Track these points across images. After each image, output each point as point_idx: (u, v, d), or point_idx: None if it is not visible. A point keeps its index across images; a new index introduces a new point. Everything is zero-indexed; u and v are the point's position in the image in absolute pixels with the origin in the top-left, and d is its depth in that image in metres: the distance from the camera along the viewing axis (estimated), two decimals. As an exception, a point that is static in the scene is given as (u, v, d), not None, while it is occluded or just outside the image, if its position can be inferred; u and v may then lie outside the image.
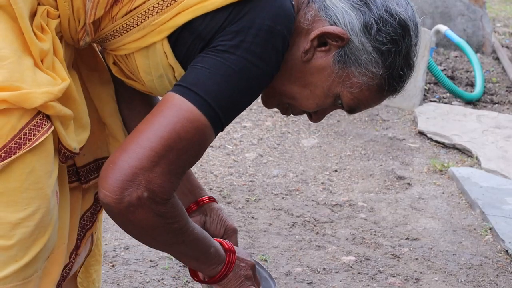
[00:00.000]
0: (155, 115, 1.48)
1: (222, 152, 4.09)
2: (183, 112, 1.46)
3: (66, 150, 1.54)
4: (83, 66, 1.72)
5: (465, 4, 6.47)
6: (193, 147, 1.49)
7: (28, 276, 1.51)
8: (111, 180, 1.45)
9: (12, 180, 1.44)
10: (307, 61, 1.59)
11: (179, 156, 1.47)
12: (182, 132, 1.46)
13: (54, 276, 1.63)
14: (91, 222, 1.84)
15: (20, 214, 1.45)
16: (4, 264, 1.47)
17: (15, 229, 1.46)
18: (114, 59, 1.66)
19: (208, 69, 1.48)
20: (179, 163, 1.48)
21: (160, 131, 1.46)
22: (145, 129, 1.47)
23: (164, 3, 1.52)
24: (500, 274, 3.11)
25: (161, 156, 1.45)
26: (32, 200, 1.46)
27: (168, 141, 1.46)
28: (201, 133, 1.48)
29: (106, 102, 1.76)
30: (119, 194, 1.44)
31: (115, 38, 1.58)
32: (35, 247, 1.49)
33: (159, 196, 1.47)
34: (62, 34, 1.57)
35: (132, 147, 1.46)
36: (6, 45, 1.43)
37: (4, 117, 1.42)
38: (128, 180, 1.44)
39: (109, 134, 1.78)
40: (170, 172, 1.47)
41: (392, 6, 1.58)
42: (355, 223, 3.47)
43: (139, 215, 1.47)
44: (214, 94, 1.47)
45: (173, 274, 2.83)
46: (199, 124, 1.47)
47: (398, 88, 1.64)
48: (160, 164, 1.45)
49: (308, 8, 1.59)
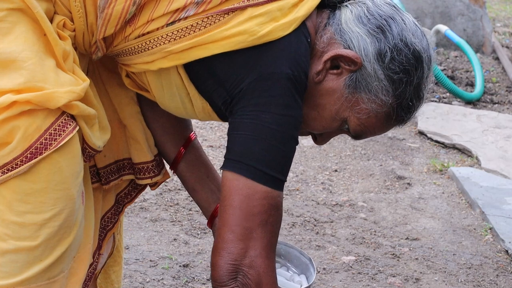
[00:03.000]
0: (224, 209, 1.54)
1: (222, 152, 4.08)
2: (244, 194, 1.52)
3: (90, 149, 1.56)
4: (103, 69, 1.73)
5: (465, 4, 6.47)
6: (268, 214, 1.54)
7: (54, 276, 1.52)
8: (219, 279, 1.54)
9: (39, 181, 1.45)
10: (318, 83, 1.60)
11: (263, 231, 1.54)
12: (253, 211, 1.52)
13: (80, 275, 1.64)
14: (112, 223, 1.85)
15: (46, 214, 1.47)
16: (29, 265, 1.48)
17: (41, 229, 1.47)
18: (126, 72, 1.67)
19: (250, 135, 1.52)
20: (270, 237, 1.55)
21: (235, 222, 1.53)
22: (223, 226, 1.54)
23: (178, 33, 1.53)
24: (500, 274, 3.11)
25: (248, 239, 1.53)
26: (58, 200, 1.47)
27: (246, 224, 1.53)
28: (268, 201, 1.54)
29: (126, 104, 1.77)
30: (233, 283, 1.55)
31: (126, 56, 1.60)
32: (60, 247, 1.51)
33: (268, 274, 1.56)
34: (77, 46, 1.58)
35: (220, 245, 1.54)
36: (27, 47, 1.44)
37: (29, 118, 1.43)
38: (234, 272, 1.53)
39: (129, 136, 1.79)
40: (267, 249, 1.55)
41: (408, 36, 1.58)
42: (355, 223, 3.47)
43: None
44: (264, 160, 1.52)
45: (173, 274, 2.83)
46: (262, 195, 1.53)
47: (405, 119, 1.65)
48: (252, 248, 1.53)
49: (325, 31, 1.60)
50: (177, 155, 1.84)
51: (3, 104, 1.41)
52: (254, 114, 1.51)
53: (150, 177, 1.82)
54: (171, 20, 1.52)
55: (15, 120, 1.42)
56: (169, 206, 3.36)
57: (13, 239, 1.46)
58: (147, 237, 3.08)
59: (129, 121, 1.77)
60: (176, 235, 3.12)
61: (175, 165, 1.85)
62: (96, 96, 1.61)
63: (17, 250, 1.46)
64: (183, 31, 1.52)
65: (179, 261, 2.91)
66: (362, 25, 1.57)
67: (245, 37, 1.50)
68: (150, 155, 1.81)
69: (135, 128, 1.77)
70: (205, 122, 4.38)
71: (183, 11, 1.52)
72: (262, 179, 1.52)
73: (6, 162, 1.43)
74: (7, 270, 1.47)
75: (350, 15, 1.58)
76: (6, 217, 1.45)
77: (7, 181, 1.44)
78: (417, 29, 1.60)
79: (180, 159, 1.84)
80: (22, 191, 1.45)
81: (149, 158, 1.80)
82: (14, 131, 1.42)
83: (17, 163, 1.43)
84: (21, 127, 1.42)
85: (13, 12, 1.44)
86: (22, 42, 1.44)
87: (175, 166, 1.86)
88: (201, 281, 2.81)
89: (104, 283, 1.92)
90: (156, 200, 3.40)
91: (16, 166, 1.43)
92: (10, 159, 1.43)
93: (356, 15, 1.58)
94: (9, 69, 1.42)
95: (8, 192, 1.45)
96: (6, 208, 1.45)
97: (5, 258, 1.46)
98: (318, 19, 1.61)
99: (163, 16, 1.53)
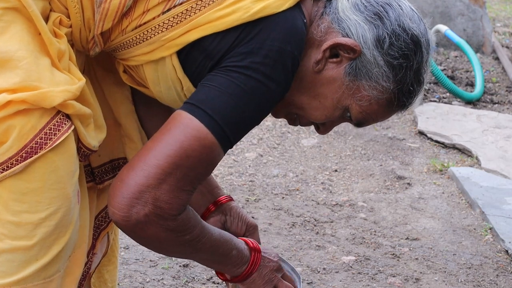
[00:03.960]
0: (163, 133, 1.49)
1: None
2: (190, 130, 1.47)
3: (85, 148, 1.56)
4: (98, 68, 1.73)
5: (465, 4, 6.47)
6: (201, 165, 1.49)
7: (50, 276, 1.52)
8: (118, 198, 1.46)
9: (34, 180, 1.45)
10: (318, 72, 1.60)
11: (187, 173, 1.48)
12: (189, 150, 1.47)
13: (76, 275, 1.64)
14: (106, 222, 1.85)
15: (42, 214, 1.47)
16: (25, 264, 1.48)
17: (37, 229, 1.47)
18: (124, 67, 1.66)
19: (217, 88, 1.49)
20: (187, 180, 1.49)
21: (167, 149, 1.46)
22: (153, 147, 1.48)
23: (174, 20, 1.53)
24: (500, 274, 3.11)
25: (168, 174, 1.46)
26: (53, 199, 1.47)
27: (175, 159, 1.46)
28: (209, 151, 1.49)
29: (121, 103, 1.76)
30: (126, 211, 1.46)
31: (125, 50, 1.59)
32: (56, 247, 1.51)
33: (167, 212, 1.47)
34: (73, 42, 1.58)
35: (139, 165, 1.47)
36: (22, 46, 1.44)
37: (24, 117, 1.43)
38: (135, 198, 1.45)
39: (124, 135, 1.79)
40: (177, 189, 1.47)
41: (405, 21, 1.58)
42: (355, 223, 3.47)
43: (148, 231, 1.48)
44: (223, 113, 1.48)
45: (173, 274, 2.83)
46: (206, 142, 1.48)
47: (407, 104, 1.66)
48: (167, 182, 1.46)
49: (322, 20, 1.60)
50: None
51: None
52: (229, 72, 1.49)
53: None
54: (166, 8, 1.52)
55: (10, 120, 1.42)
56: (169, 206, 3.36)
57: (9, 239, 1.46)
58: (147, 237, 3.08)
59: (124, 119, 1.77)
60: (176, 235, 3.12)
61: None
62: (93, 95, 1.61)
63: (13, 250, 1.46)
64: (179, 17, 1.52)
65: (179, 261, 2.91)
66: (359, 13, 1.57)
67: (239, 14, 1.50)
68: None
69: (130, 127, 1.77)
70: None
71: None
72: (213, 129, 1.47)
73: (1, 161, 1.43)
74: (3, 269, 1.47)
75: (346, 3, 1.59)
76: (2, 217, 1.45)
77: (2, 180, 1.44)
78: (414, 13, 1.61)
79: None
80: (17, 190, 1.44)
81: None
82: (9, 130, 1.42)
83: (13, 162, 1.43)
84: (16, 127, 1.42)
85: (8, 11, 1.44)
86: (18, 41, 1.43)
87: None
88: (201, 281, 2.81)
89: (98, 282, 1.92)
90: (156, 200, 3.40)
91: (12, 165, 1.43)
92: (5, 158, 1.43)
93: (352, 3, 1.58)
94: (4, 68, 1.42)
95: (4, 192, 1.44)
96: (2, 208, 1.45)
97: (1, 257, 1.46)
98: (314, 8, 1.61)
99: (158, 5, 1.53)
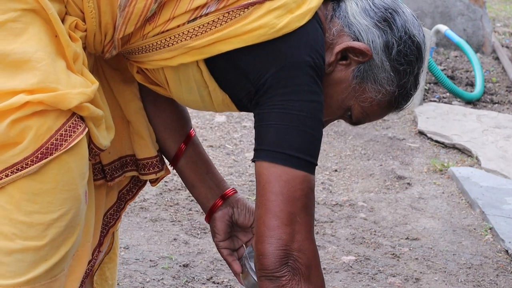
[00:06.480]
0: (262, 195, 1.57)
1: (222, 152, 4.08)
2: (284, 179, 1.55)
3: (96, 148, 1.57)
4: (106, 66, 1.74)
5: (465, 4, 6.47)
6: (307, 197, 1.57)
7: (56, 275, 1.54)
8: (271, 267, 1.55)
9: (47, 181, 1.46)
10: (328, 73, 1.64)
11: (305, 215, 1.57)
12: (292, 196, 1.55)
13: (79, 273, 1.66)
14: (114, 219, 1.87)
15: (53, 215, 1.48)
16: (35, 264, 1.49)
17: (48, 229, 1.48)
18: (138, 69, 1.68)
19: (282, 124, 1.55)
20: (311, 220, 1.58)
21: (277, 207, 1.54)
22: (263, 213, 1.56)
23: (200, 29, 1.55)
24: (500, 274, 3.11)
25: (292, 222, 1.55)
26: (65, 201, 1.49)
27: (288, 209, 1.55)
28: (306, 184, 1.57)
29: (130, 100, 1.78)
30: (283, 273, 1.56)
31: (142, 53, 1.61)
32: (64, 247, 1.52)
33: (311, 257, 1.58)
34: (86, 45, 1.59)
35: (266, 234, 1.55)
36: (41, 48, 1.45)
37: (41, 118, 1.44)
38: (285, 257, 1.55)
39: (133, 132, 1.80)
40: (311, 231, 1.58)
41: (410, 28, 1.65)
42: (355, 223, 3.47)
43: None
44: (299, 146, 1.55)
45: (173, 274, 2.83)
46: (300, 179, 1.55)
47: (403, 106, 1.74)
48: (297, 231, 1.55)
49: (333, 23, 1.65)
50: (177, 151, 1.85)
51: (16, 104, 1.41)
52: (282, 103, 1.55)
53: (155, 172, 1.83)
54: (192, 17, 1.54)
55: (27, 120, 1.43)
56: (169, 206, 3.36)
57: (21, 239, 1.46)
58: (147, 237, 3.08)
59: (133, 117, 1.78)
60: (176, 235, 3.12)
61: (176, 161, 1.86)
62: (102, 96, 1.63)
63: (24, 250, 1.47)
64: (205, 27, 1.54)
65: (179, 261, 2.91)
66: (369, 18, 1.63)
67: (266, 30, 1.54)
68: (154, 151, 1.82)
69: (140, 124, 1.79)
70: (205, 122, 4.39)
71: (205, 8, 1.54)
72: (298, 165, 1.55)
73: (16, 161, 1.44)
74: (14, 269, 1.48)
75: (356, 8, 1.64)
76: (14, 217, 1.46)
77: (16, 180, 1.45)
78: (414, 20, 1.67)
79: (181, 155, 1.85)
80: (30, 191, 1.45)
81: (153, 154, 1.82)
82: (25, 131, 1.43)
83: (27, 163, 1.44)
84: (33, 128, 1.43)
85: (26, 12, 1.45)
86: (36, 42, 1.44)
87: (175, 163, 1.87)
88: (201, 281, 2.81)
89: (99, 279, 1.93)
90: (156, 200, 3.40)
91: (26, 166, 1.44)
92: (20, 158, 1.43)
93: (362, 8, 1.63)
94: (22, 69, 1.43)
95: (17, 192, 1.45)
96: (14, 208, 1.46)
97: (12, 257, 1.47)
98: (324, 11, 1.66)
99: (185, 13, 1.54)
